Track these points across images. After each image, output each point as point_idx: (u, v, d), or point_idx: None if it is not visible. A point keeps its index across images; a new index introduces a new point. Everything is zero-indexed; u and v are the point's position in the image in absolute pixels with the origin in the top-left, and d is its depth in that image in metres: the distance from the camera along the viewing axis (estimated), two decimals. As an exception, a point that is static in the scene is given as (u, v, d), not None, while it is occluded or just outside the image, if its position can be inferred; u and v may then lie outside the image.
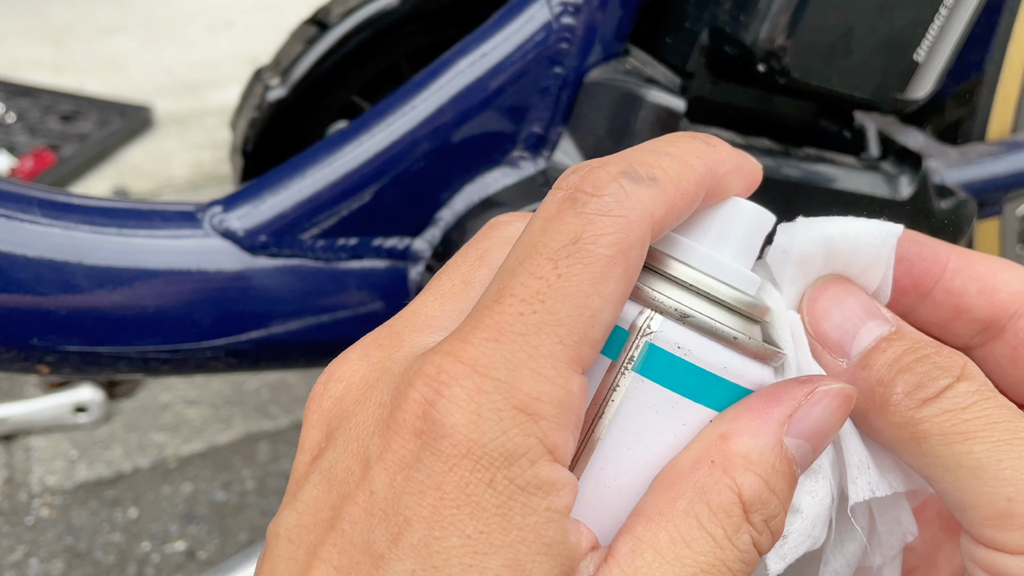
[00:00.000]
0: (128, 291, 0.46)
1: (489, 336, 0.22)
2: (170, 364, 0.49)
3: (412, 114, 0.50)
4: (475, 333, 0.22)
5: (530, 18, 0.50)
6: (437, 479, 0.22)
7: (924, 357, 0.26)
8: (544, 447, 0.22)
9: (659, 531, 0.23)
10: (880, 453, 0.27)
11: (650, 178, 0.24)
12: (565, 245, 0.22)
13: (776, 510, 0.24)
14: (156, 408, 1.10)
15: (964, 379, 0.25)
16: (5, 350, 0.44)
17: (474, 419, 0.22)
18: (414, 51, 0.58)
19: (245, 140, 0.56)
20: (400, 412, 0.22)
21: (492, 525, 0.21)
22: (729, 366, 0.25)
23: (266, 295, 0.49)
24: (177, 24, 2.32)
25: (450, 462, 0.21)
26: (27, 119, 1.72)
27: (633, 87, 0.50)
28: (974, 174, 0.67)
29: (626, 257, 0.23)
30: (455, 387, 0.22)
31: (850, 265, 0.29)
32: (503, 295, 0.23)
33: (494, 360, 0.22)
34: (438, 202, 0.52)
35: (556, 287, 0.22)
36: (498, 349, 0.22)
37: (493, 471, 0.21)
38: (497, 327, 0.22)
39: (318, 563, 0.23)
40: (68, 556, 0.90)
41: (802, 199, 0.55)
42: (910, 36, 0.52)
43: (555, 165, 0.52)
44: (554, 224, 0.23)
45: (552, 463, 0.22)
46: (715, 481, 0.24)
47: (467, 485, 0.21)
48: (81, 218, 0.46)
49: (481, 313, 0.23)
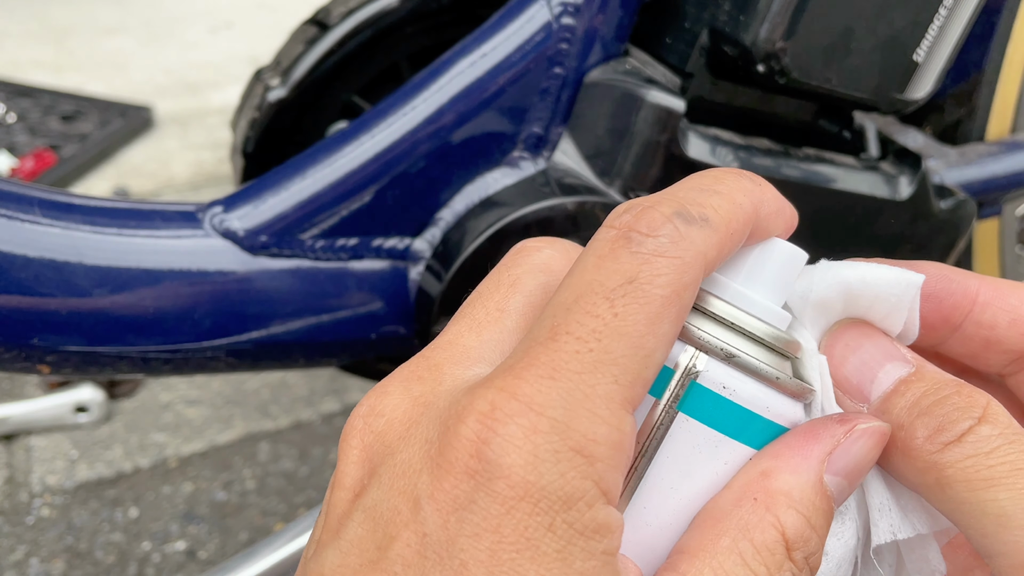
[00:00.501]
0: (129, 291, 0.46)
1: (544, 373, 0.22)
2: (171, 364, 0.49)
3: (412, 114, 0.50)
4: (530, 370, 0.22)
5: (530, 18, 0.50)
6: (494, 521, 0.21)
7: (944, 399, 0.25)
8: (600, 490, 0.22)
9: (703, 568, 0.23)
10: (905, 494, 0.27)
11: (702, 219, 0.24)
12: (621, 284, 0.22)
13: (816, 547, 0.24)
14: (156, 408, 1.10)
15: (986, 421, 0.24)
16: (6, 350, 0.44)
17: (531, 460, 0.21)
18: (414, 52, 0.58)
19: (245, 140, 0.56)
20: (451, 450, 0.22)
21: (553, 570, 0.21)
22: (771, 405, 0.25)
23: (266, 295, 0.50)
24: (178, 25, 2.32)
25: (507, 504, 0.21)
26: (28, 119, 1.72)
27: (633, 87, 0.50)
28: (973, 174, 0.67)
29: (680, 298, 0.23)
30: (510, 425, 0.21)
31: (870, 311, 0.28)
32: (558, 332, 0.22)
33: (550, 398, 0.21)
34: (438, 202, 0.52)
35: (612, 326, 0.22)
36: (554, 387, 0.22)
37: (552, 515, 0.21)
38: (553, 364, 0.22)
39: None
40: (69, 556, 0.90)
41: (802, 199, 0.55)
42: (909, 36, 0.52)
43: (555, 165, 0.53)
44: (608, 263, 0.23)
45: (607, 506, 0.22)
46: (758, 518, 0.24)
47: (526, 528, 0.21)
48: (82, 218, 0.46)
49: (535, 349, 0.22)
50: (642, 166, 0.50)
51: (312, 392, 1.12)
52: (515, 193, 0.51)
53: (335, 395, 1.12)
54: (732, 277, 0.27)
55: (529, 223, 0.49)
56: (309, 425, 1.07)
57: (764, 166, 0.53)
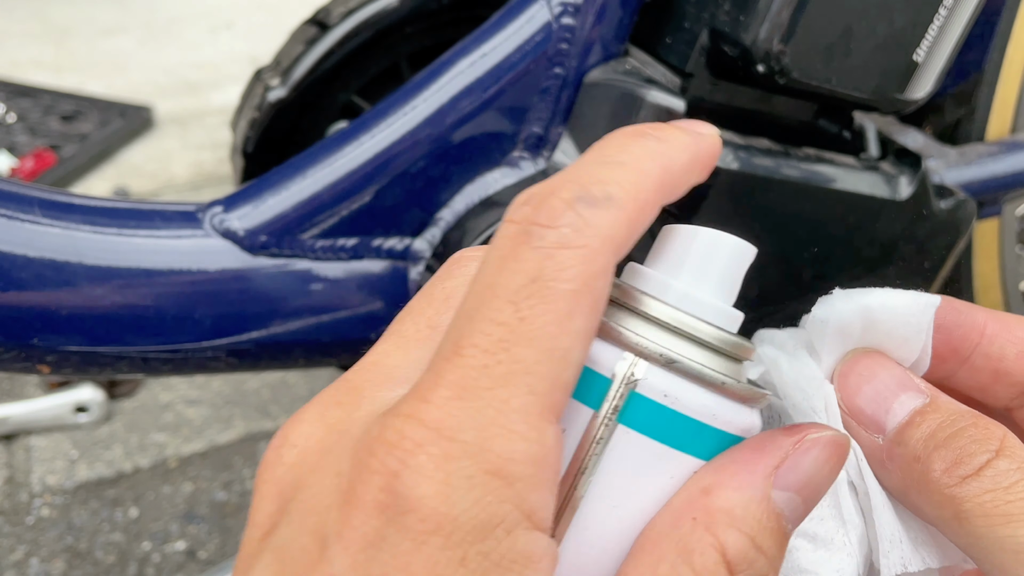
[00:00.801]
0: (129, 291, 0.46)
1: (453, 393, 0.20)
2: (171, 364, 0.49)
3: (412, 114, 0.50)
4: (436, 391, 0.20)
5: (530, 18, 0.50)
6: (404, 559, 0.19)
7: (960, 431, 0.25)
8: (521, 513, 0.20)
9: None
10: (915, 527, 0.27)
11: (606, 198, 0.22)
12: (524, 285, 0.21)
13: (764, 569, 0.23)
14: (157, 408, 1.10)
15: (1004, 455, 0.24)
16: (6, 350, 0.44)
17: (443, 489, 0.19)
18: (414, 52, 0.58)
19: (245, 140, 0.57)
20: (360, 484, 0.20)
21: None
22: (717, 413, 0.24)
23: (266, 295, 0.50)
24: (177, 25, 2.32)
25: (418, 539, 0.19)
26: (28, 119, 1.72)
27: (633, 87, 0.50)
28: (973, 174, 0.67)
29: (591, 290, 0.21)
30: (420, 455, 0.20)
31: (890, 337, 0.28)
32: (463, 345, 0.21)
33: (461, 420, 0.20)
34: (438, 202, 0.52)
35: (520, 332, 0.20)
36: (464, 408, 0.20)
37: (465, 547, 0.19)
38: (461, 383, 0.20)
39: None
40: (69, 556, 0.90)
41: (802, 199, 0.55)
42: (909, 36, 0.52)
43: (555, 165, 0.53)
44: (510, 263, 0.21)
45: (530, 531, 0.20)
46: (697, 540, 0.22)
47: (436, 564, 0.19)
48: (82, 218, 0.46)
49: (440, 367, 0.21)
50: (642, 166, 0.51)
51: (312, 392, 1.12)
52: (515, 193, 0.51)
53: (335, 395, 1.12)
54: (674, 275, 0.26)
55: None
56: (309, 425, 1.07)
57: (764, 166, 0.53)
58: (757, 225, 0.54)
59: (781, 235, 0.55)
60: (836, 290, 0.29)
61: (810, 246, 0.57)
